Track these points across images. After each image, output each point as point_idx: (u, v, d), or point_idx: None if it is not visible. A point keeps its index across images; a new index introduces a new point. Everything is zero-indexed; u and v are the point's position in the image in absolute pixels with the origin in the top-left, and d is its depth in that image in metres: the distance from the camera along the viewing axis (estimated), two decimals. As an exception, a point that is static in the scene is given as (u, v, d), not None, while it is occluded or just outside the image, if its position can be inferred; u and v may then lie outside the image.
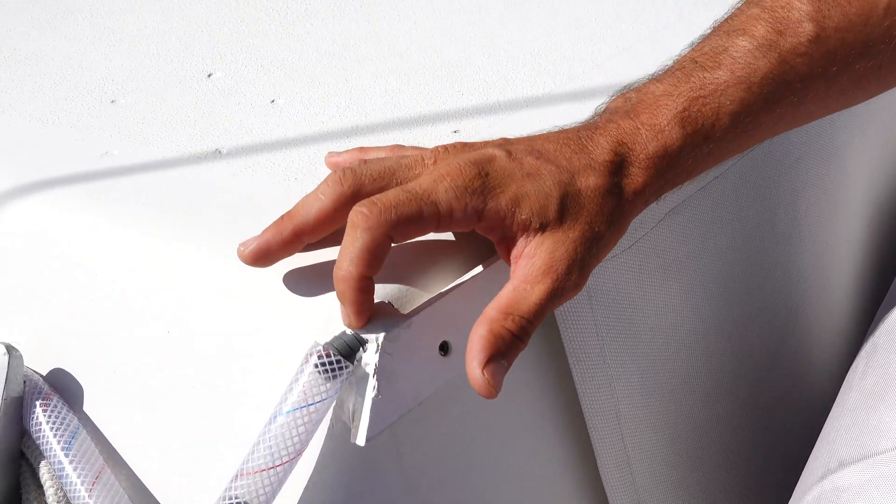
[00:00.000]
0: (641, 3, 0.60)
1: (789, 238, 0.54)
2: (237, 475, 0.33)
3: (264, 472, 0.33)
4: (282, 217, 0.35)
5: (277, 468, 0.33)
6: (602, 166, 0.35)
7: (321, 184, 0.35)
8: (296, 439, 0.33)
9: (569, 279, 0.33)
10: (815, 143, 0.55)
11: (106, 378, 0.39)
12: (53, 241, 0.43)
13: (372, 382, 0.34)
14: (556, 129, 0.37)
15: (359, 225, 0.32)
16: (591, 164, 0.35)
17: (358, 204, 0.33)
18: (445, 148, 0.36)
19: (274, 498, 0.33)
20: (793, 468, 0.45)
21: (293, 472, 0.33)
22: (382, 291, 0.36)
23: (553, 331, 0.41)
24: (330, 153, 0.41)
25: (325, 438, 0.35)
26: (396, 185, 0.34)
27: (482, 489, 0.40)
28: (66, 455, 0.37)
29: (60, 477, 0.37)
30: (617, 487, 0.45)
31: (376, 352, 0.34)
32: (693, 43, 0.39)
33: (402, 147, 0.40)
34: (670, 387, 0.47)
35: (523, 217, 0.34)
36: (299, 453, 0.33)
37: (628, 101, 0.37)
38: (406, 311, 0.35)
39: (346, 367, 0.33)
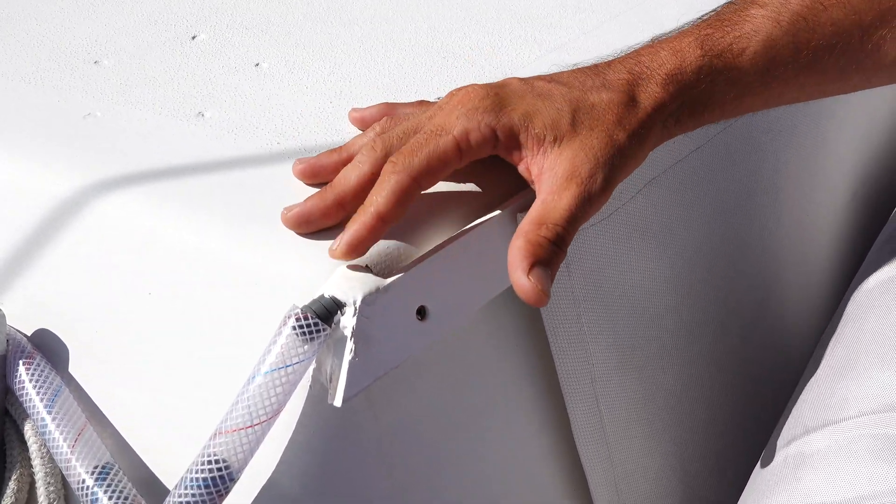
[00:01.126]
0: (631, -29, 0.60)
1: (768, 209, 0.55)
2: (215, 433, 0.34)
3: (242, 430, 0.33)
4: (324, 188, 0.36)
5: (255, 427, 0.34)
6: (616, 83, 0.35)
7: (357, 155, 0.36)
8: (273, 399, 0.34)
9: (593, 182, 0.34)
10: (798, 114, 0.55)
11: (88, 339, 0.40)
12: (36, 202, 0.43)
13: (349, 345, 0.34)
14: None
15: (387, 171, 0.34)
16: (605, 83, 0.35)
17: (392, 156, 0.35)
18: (460, 87, 0.37)
19: (251, 456, 0.34)
20: (766, 434, 0.46)
21: (270, 431, 0.34)
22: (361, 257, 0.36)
23: (531, 297, 0.42)
24: (353, 109, 0.42)
25: (304, 399, 0.35)
26: None
27: (456, 451, 0.41)
28: (49, 413, 0.38)
29: (43, 434, 0.38)
30: (590, 450, 0.46)
31: (354, 315, 0.34)
32: None
33: (427, 103, 0.40)
34: (646, 353, 0.48)
35: (536, 131, 0.34)
36: (277, 413, 0.34)
37: (653, 39, 0.38)
38: (384, 275, 0.36)
39: (324, 329, 0.34)
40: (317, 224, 0.36)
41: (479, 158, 0.36)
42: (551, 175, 0.34)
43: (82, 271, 0.41)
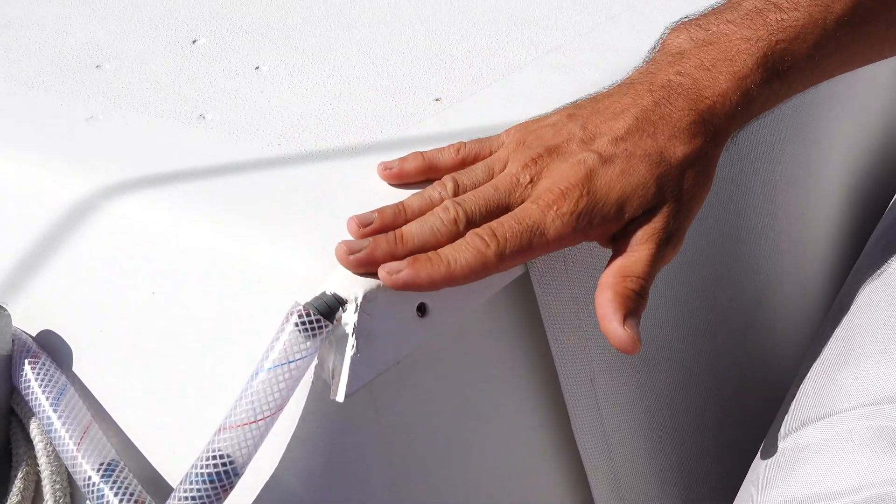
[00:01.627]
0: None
1: (764, 208, 0.55)
2: (220, 429, 0.34)
3: (246, 426, 0.34)
4: (395, 237, 0.35)
5: (259, 422, 0.34)
6: (686, 132, 0.35)
7: (434, 213, 0.35)
8: (277, 395, 0.34)
9: (667, 248, 0.36)
10: (794, 117, 0.56)
11: (92, 339, 0.40)
12: (40, 204, 0.43)
13: (351, 341, 0.35)
14: (625, 84, 0.37)
15: (477, 241, 0.34)
16: (675, 133, 0.35)
17: (480, 228, 0.34)
18: (524, 145, 0.36)
19: (255, 451, 0.34)
20: (763, 427, 0.46)
21: (274, 426, 0.34)
22: (362, 254, 0.37)
23: (529, 296, 0.42)
24: (384, 164, 0.40)
25: (307, 395, 0.36)
26: (504, 213, 0.35)
27: (456, 447, 0.42)
28: (55, 411, 0.38)
29: (49, 432, 0.38)
30: (591, 446, 0.46)
31: (355, 311, 0.35)
32: None
33: (465, 145, 0.39)
34: (645, 351, 0.48)
35: (627, 216, 0.35)
36: (280, 408, 0.34)
37: (696, 42, 0.36)
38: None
39: (326, 326, 0.34)
40: (371, 264, 0.35)
41: None
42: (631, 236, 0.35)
43: (86, 272, 0.41)
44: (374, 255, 0.34)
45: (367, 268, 0.35)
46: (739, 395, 0.57)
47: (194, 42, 0.55)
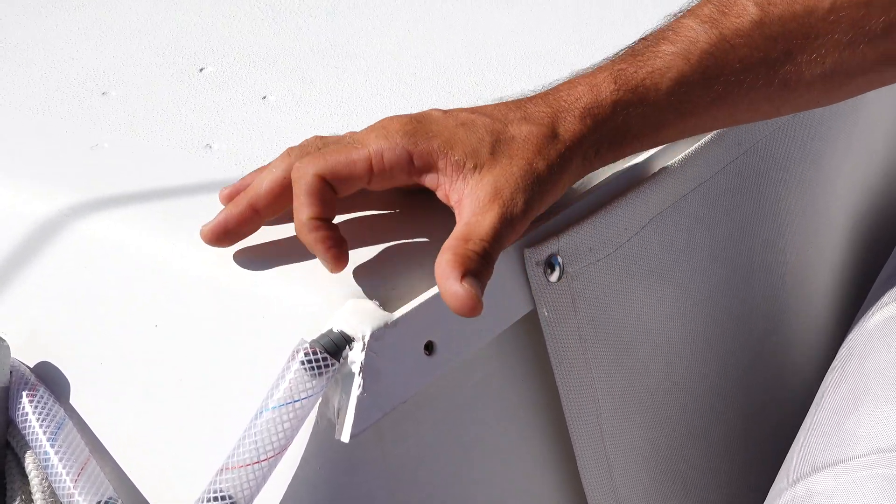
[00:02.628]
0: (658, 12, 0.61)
1: (772, 244, 0.55)
2: (222, 469, 0.33)
3: (249, 466, 0.33)
4: (238, 195, 0.37)
5: (262, 463, 0.33)
6: (536, 116, 0.36)
7: (272, 161, 0.37)
8: (281, 435, 0.33)
9: (515, 205, 0.34)
10: (799, 149, 0.56)
11: (92, 371, 0.40)
12: (41, 233, 0.43)
13: (357, 380, 0.34)
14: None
15: (295, 174, 0.35)
16: (525, 116, 0.36)
17: (298, 160, 0.35)
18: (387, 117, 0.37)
19: (258, 492, 0.33)
20: (771, 472, 0.45)
21: (278, 466, 0.34)
22: (369, 292, 0.36)
23: (537, 334, 0.42)
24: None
25: (310, 435, 0.35)
26: None
27: (465, 487, 0.41)
28: (52, 446, 0.37)
29: (46, 467, 0.37)
30: (595, 487, 0.45)
31: (362, 350, 0.34)
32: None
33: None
34: (652, 388, 0.48)
35: (456, 158, 0.35)
36: (284, 448, 0.34)
37: (573, 74, 0.39)
38: (392, 310, 0.36)
39: (332, 364, 0.34)
40: (235, 233, 0.36)
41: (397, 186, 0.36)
42: (473, 199, 0.35)
43: (87, 303, 0.41)
44: (222, 218, 0.36)
45: (224, 236, 0.36)
46: (749, 435, 0.56)
47: (201, 70, 0.55)
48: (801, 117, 0.55)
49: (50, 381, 0.40)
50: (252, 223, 0.36)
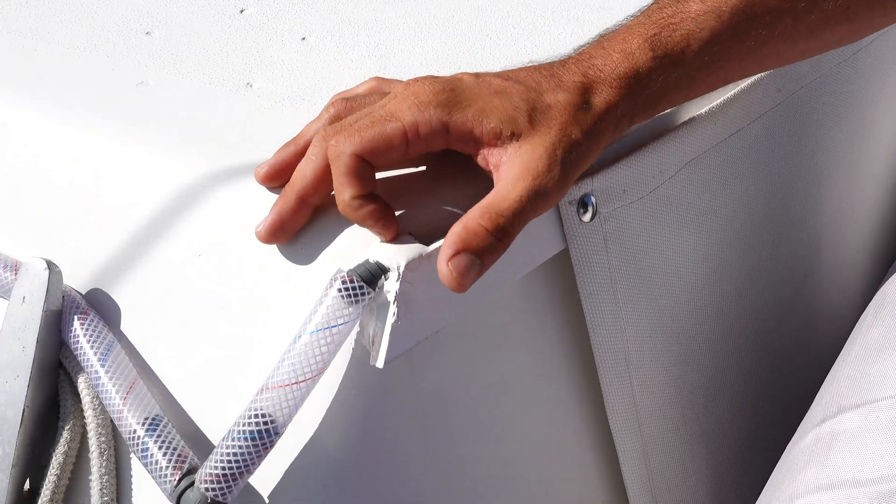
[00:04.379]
0: None
1: (809, 194, 0.54)
2: (262, 389, 0.35)
3: (287, 387, 0.35)
4: (284, 188, 0.37)
5: (301, 384, 0.35)
6: (571, 86, 0.36)
7: (309, 147, 0.37)
8: (318, 358, 0.35)
9: (549, 176, 0.34)
10: (840, 100, 0.55)
11: (140, 298, 0.41)
12: (91, 166, 0.44)
13: (392, 309, 0.35)
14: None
15: (332, 154, 0.35)
16: (560, 85, 0.36)
17: (332, 138, 0.35)
18: (416, 79, 0.37)
19: (296, 412, 0.35)
20: (800, 414, 0.46)
21: (315, 389, 0.35)
22: (406, 224, 0.37)
23: (568, 273, 0.42)
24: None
25: (348, 360, 0.36)
26: None
27: (490, 418, 0.42)
28: (103, 366, 0.39)
29: (96, 386, 0.39)
30: (622, 426, 0.46)
31: (397, 280, 0.35)
32: None
33: (380, 80, 0.40)
34: (680, 331, 0.48)
35: (492, 125, 0.35)
36: (321, 372, 0.35)
37: (602, 37, 0.39)
38: (428, 243, 0.37)
39: (368, 292, 0.35)
40: (291, 227, 0.37)
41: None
42: (508, 167, 0.35)
43: (135, 233, 0.42)
44: (275, 216, 0.37)
45: (280, 233, 0.37)
46: (777, 381, 0.57)
47: (242, 11, 0.56)
48: (843, 67, 0.54)
49: (100, 306, 0.42)
50: (304, 213, 0.37)
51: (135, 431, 0.37)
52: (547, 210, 0.36)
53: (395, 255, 0.36)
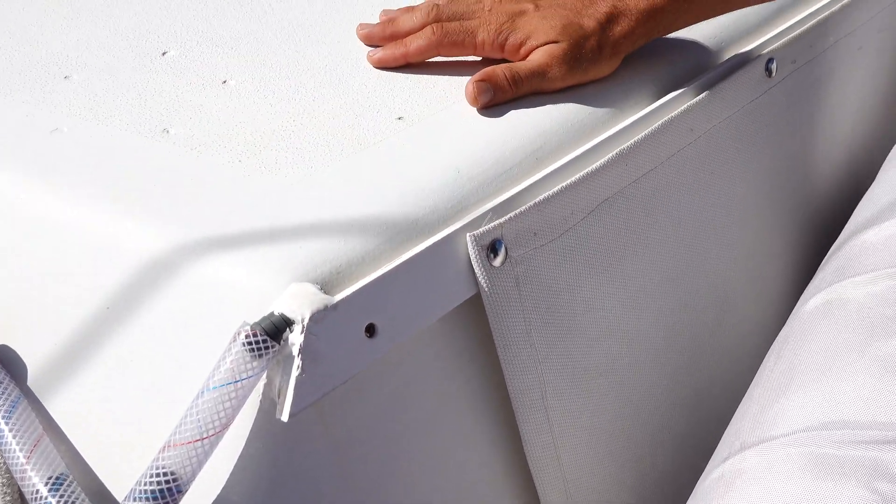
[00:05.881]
0: None
1: (722, 229, 0.56)
2: (165, 446, 0.35)
3: (191, 443, 0.34)
4: (387, 25, 0.54)
5: (205, 440, 0.34)
6: (600, 13, 0.50)
7: (417, 7, 0.53)
8: (222, 413, 0.35)
9: (558, 68, 0.49)
10: (750, 138, 0.56)
11: (46, 353, 0.41)
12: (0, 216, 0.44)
13: (297, 362, 0.35)
14: None
15: (423, 34, 0.51)
16: (593, 13, 0.50)
17: (432, 24, 0.52)
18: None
19: (200, 469, 0.35)
20: (712, 450, 0.47)
21: (220, 444, 0.35)
22: (310, 274, 0.37)
23: (482, 316, 0.43)
24: (361, 25, 0.56)
25: (254, 413, 0.36)
26: None
27: (408, 462, 0.42)
28: (7, 423, 0.39)
29: (0, 444, 0.39)
30: (541, 463, 0.47)
31: (302, 332, 0.35)
32: None
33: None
34: (597, 369, 0.49)
35: (532, 43, 0.50)
36: (226, 427, 0.35)
37: None
38: (334, 293, 0.37)
39: (272, 346, 0.35)
40: (389, 57, 0.52)
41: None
42: (536, 54, 0.50)
43: (41, 285, 0.42)
44: (381, 51, 0.53)
45: (385, 62, 0.53)
46: (696, 414, 0.58)
47: (164, 54, 0.55)
48: (753, 105, 0.56)
49: (6, 361, 0.41)
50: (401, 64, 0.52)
51: (38, 491, 0.37)
52: (550, 90, 0.49)
53: (300, 307, 0.36)
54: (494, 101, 0.48)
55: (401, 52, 0.51)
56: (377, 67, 0.52)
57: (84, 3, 0.63)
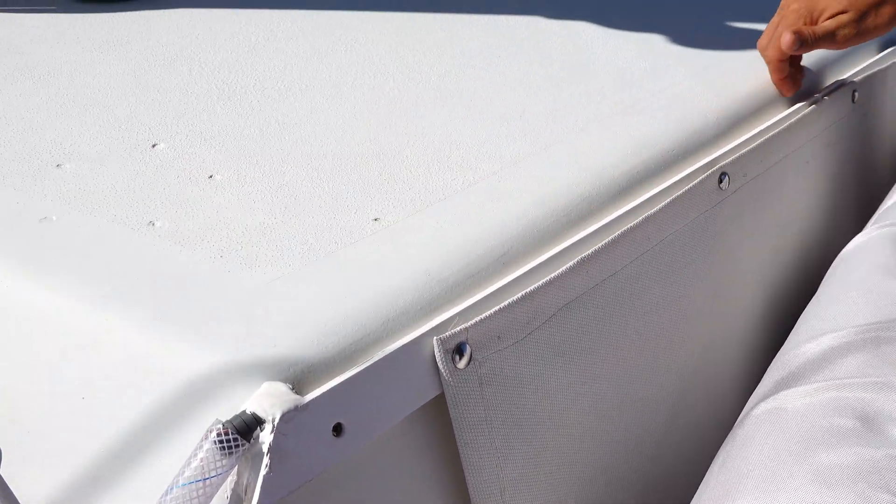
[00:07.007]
0: (563, 105, 0.65)
1: (678, 329, 0.59)
2: (131, 542, 0.35)
3: (157, 540, 0.35)
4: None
5: (171, 536, 0.35)
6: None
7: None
8: (190, 510, 0.36)
9: (841, 31, 0.65)
10: (705, 245, 0.60)
11: (18, 442, 0.41)
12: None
13: (265, 460, 0.37)
14: None
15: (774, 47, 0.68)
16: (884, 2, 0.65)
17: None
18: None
19: (165, 565, 0.35)
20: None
21: (186, 540, 0.36)
22: (283, 374, 0.39)
23: (446, 416, 0.44)
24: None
25: (221, 509, 0.37)
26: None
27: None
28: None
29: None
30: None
31: (271, 431, 0.37)
32: None
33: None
34: (559, 466, 0.51)
35: (831, 11, 0.66)
36: (192, 523, 0.36)
37: None
38: (305, 392, 0.39)
39: (243, 444, 0.36)
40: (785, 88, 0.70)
41: None
42: (828, 22, 0.66)
43: (18, 374, 0.43)
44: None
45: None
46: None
47: (154, 146, 0.58)
48: (705, 216, 0.59)
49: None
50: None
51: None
52: (835, 48, 0.67)
53: (271, 407, 0.37)
54: (795, 47, 0.64)
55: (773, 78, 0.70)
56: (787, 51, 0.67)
57: (79, 92, 0.66)
